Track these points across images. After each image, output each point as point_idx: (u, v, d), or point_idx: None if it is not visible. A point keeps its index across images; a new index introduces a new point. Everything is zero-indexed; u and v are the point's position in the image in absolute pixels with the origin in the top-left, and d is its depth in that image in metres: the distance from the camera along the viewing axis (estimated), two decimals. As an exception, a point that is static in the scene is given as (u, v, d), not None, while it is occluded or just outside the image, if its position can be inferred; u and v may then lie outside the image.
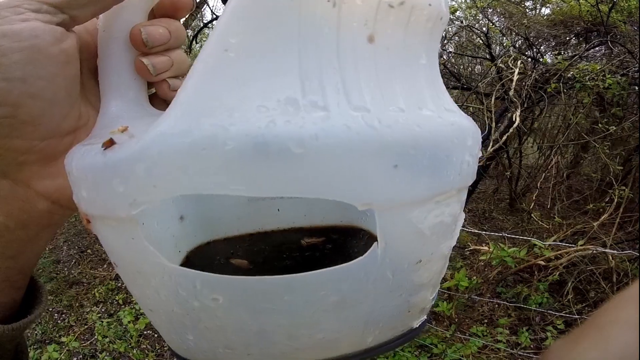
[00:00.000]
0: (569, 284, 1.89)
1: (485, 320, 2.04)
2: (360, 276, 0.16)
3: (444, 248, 0.19)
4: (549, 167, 2.19)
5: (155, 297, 0.19)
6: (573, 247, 1.11)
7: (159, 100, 0.22)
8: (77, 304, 2.60)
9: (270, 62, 0.13)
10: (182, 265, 0.24)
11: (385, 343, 0.22)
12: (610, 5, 1.87)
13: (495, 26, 2.45)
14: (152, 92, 0.22)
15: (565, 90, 1.74)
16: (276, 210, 0.30)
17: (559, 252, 1.19)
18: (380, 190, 0.14)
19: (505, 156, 2.46)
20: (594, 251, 1.20)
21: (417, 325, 0.23)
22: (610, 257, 1.62)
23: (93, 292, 2.71)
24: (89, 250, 3.56)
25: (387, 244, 0.16)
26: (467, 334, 1.76)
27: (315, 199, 0.30)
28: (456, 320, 1.88)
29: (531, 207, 2.01)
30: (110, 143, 0.15)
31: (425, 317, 0.23)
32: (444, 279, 1.57)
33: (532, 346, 1.84)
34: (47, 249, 4.02)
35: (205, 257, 0.27)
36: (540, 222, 1.93)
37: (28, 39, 0.17)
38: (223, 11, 0.13)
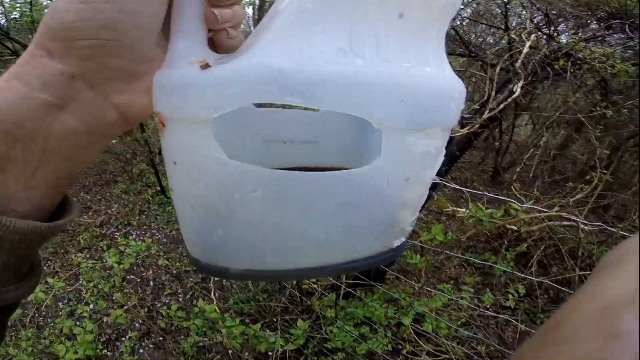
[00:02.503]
0: (534, 257, 2.07)
1: (452, 281, 2.23)
2: (365, 180, 0.24)
3: (426, 175, 0.27)
4: (539, 144, 2.30)
5: (202, 192, 0.24)
6: (547, 211, 1.22)
7: (211, 45, 0.27)
8: (62, 251, 2.68)
9: (331, 23, 0.21)
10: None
11: (370, 257, 0.28)
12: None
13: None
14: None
15: (572, 71, 1.80)
16: (287, 151, 0.37)
17: (533, 215, 1.31)
18: (390, 115, 0.22)
19: (497, 129, 2.56)
20: (566, 218, 1.32)
21: (396, 246, 0.29)
22: (581, 232, 1.76)
23: (78, 239, 2.79)
24: (74, 199, 3.71)
25: (386, 158, 0.23)
26: (433, 293, 1.93)
27: (321, 146, 0.37)
28: (425, 276, 2.05)
29: (513, 179, 2.14)
30: (206, 66, 0.22)
31: (403, 239, 0.30)
32: (419, 235, 1.70)
33: (491, 309, 2.04)
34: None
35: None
36: (519, 196, 2.07)
37: None
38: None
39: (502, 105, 1.62)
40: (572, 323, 0.17)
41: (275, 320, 1.92)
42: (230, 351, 1.77)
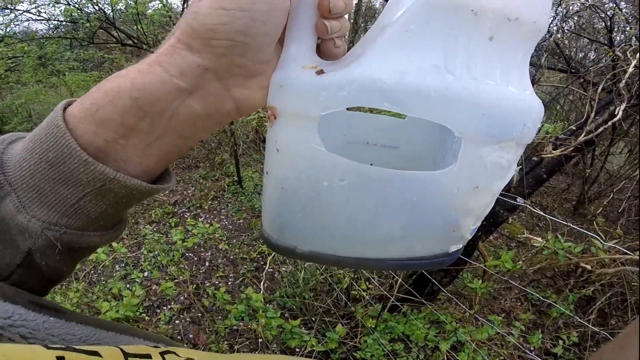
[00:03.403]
0: (597, 303, 1.91)
1: (503, 314, 2.14)
2: (437, 183, 0.27)
3: (495, 185, 0.30)
4: (633, 176, 2.11)
5: (296, 176, 0.28)
6: (630, 255, 1.13)
7: (318, 52, 0.31)
8: (132, 221, 2.97)
9: (429, 43, 0.25)
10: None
11: (426, 258, 0.31)
12: None
13: (622, 12, 2.26)
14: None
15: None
16: (368, 153, 0.40)
17: (613, 256, 1.22)
18: (471, 127, 0.26)
19: (590, 155, 2.39)
20: None
21: (453, 251, 0.32)
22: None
23: (150, 213, 3.09)
24: (173, 171, 4.02)
25: (461, 165, 0.27)
26: (481, 323, 1.86)
27: (400, 152, 0.40)
28: (479, 304, 1.97)
29: (598, 212, 1.99)
30: (321, 72, 0.27)
31: (461, 246, 0.32)
32: (485, 258, 1.65)
33: (534, 352, 1.92)
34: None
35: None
36: (599, 232, 1.92)
37: None
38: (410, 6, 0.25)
39: (601, 129, 1.52)
40: None
41: (313, 319, 1.98)
42: (260, 340, 1.88)
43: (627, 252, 1.15)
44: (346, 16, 0.32)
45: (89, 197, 0.27)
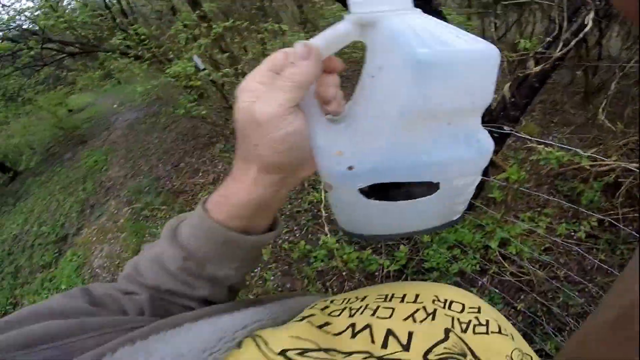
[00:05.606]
0: (623, 187, 1.95)
1: (539, 209, 2.22)
2: (432, 200, 0.36)
3: (467, 190, 0.38)
4: (631, 61, 2.05)
5: (346, 205, 0.39)
6: (610, 163, 1.20)
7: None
8: (187, 209, 3.04)
9: (412, 133, 0.32)
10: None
11: (439, 226, 0.41)
12: None
13: None
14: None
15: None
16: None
17: (595, 163, 1.26)
18: (444, 176, 0.35)
19: (583, 47, 2.31)
20: (625, 166, 1.27)
21: (456, 218, 0.42)
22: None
23: (198, 197, 3.17)
24: (182, 164, 4.02)
25: (442, 191, 0.36)
26: (517, 221, 1.98)
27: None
28: (512, 206, 2.04)
29: (603, 105, 2.00)
30: (351, 168, 0.34)
31: (458, 216, 0.42)
32: (501, 171, 1.85)
33: (574, 237, 2.01)
34: (144, 169, 4.44)
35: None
36: (608, 124, 1.87)
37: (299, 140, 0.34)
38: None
39: (576, 39, 1.46)
40: None
41: (379, 246, 2.21)
42: (344, 272, 2.10)
43: (601, 158, 1.20)
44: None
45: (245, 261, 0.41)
